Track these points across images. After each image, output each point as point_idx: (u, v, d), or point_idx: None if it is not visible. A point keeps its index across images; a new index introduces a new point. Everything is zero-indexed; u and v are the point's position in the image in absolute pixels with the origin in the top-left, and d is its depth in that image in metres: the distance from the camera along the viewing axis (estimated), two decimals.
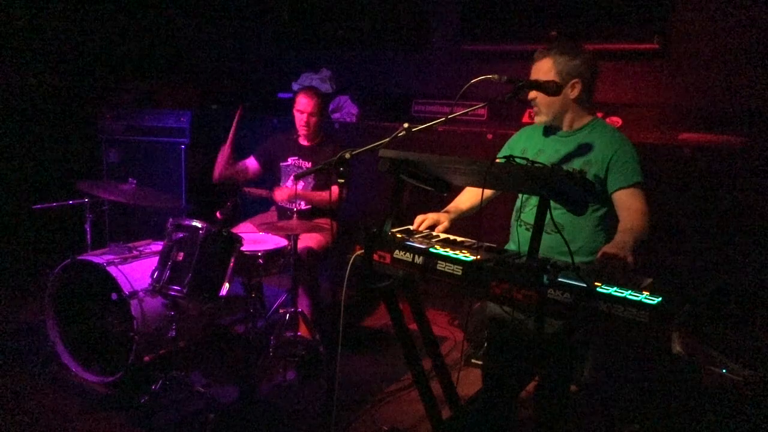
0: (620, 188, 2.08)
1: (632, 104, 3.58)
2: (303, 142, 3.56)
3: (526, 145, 2.34)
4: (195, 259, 2.60)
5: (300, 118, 3.46)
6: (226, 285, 2.67)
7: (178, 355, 2.78)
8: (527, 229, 2.24)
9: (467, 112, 2.30)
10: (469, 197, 2.44)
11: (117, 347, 2.81)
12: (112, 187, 3.08)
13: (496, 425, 2.04)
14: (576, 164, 2.14)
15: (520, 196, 2.35)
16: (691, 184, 3.12)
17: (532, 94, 2.20)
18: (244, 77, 5.29)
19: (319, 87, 4.66)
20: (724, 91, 3.36)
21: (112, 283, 2.73)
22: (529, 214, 2.26)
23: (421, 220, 2.19)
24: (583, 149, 2.17)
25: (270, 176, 3.63)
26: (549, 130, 2.30)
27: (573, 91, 2.15)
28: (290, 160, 3.56)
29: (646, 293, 1.48)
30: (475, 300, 2.41)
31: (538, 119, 2.26)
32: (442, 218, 2.22)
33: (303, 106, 3.44)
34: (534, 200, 2.24)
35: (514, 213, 2.37)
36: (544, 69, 2.14)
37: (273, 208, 3.67)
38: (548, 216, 1.67)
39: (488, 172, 1.72)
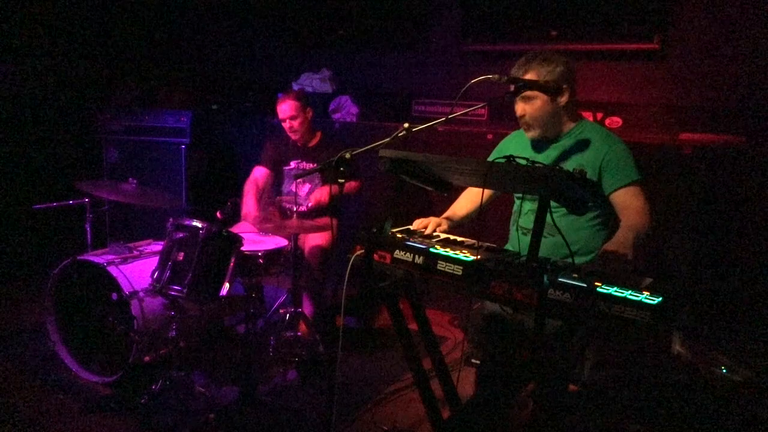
0: (617, 189, 2.08)
1: (632, 104, 3.58)
2: (301, 144, 3.56)
3: (514, 152, 2.33)
4: (195, 259, 2.60)
5: (285, 126, 3.47)
6: (226, 285, 2.66)
7: (179, 355, 2.78)
8: (525, 234, 2.24)
9: (467, 112, 2.30)
10: (465, 203, 2.43)
11: (117, 347, 2.81)
12: (112, 187, 3.07)
13: (495, 425, 2.04)
14: (568, 168, 2.14)
15: (516, 201, 2.35)
16: (692, 184, 3.12)
17: (520, 110, 2.19)
18: (244, 77, 5.29)
19: (319, 87, 4.67)
20: (724, 91, 3.36)
21: (112, 283, 2.73)
22: (525, 219, 2.26)
23: (420, 224, 2.18)
24: (574, 152, 2.17)
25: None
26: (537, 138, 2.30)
27: (563, 98, 2.15)
28: (293, 164, 3.55)
29: (646, 293, 1.48)
30: (476, 300, 2.41)
31: (529, 134, 2.24)
32: (443, 224, 2.22)
33: (282, 113, 3.43)
34: (529, 205, 2.24)
35: (512, 217, 2.37)
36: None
37: (272, 208, 3.66)
38: (547, 218, 1.67)
39: (488, 172, 1.72)
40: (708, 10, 3.37)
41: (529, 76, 2.11)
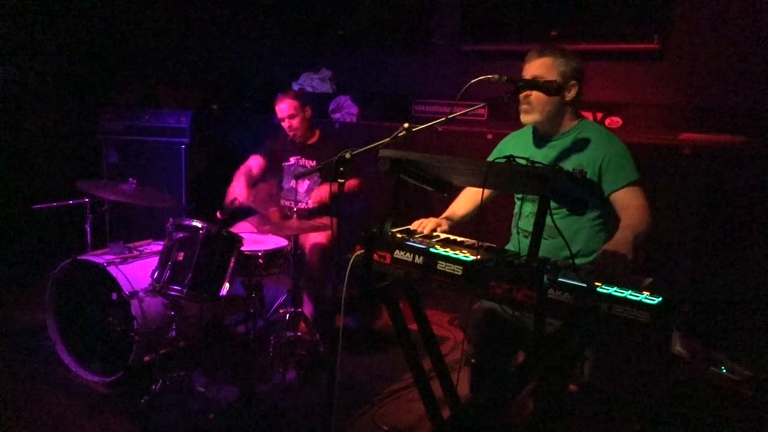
0: (617, 189, 2.08)
1: (632, 104, 3.58)
2: (300, 142, 3.56)
3: (514, 151, 2.33)
4: (195, 259, 2.60)
5: (284, 125, 3.49)
6: (226, 285, 2.67)
7: (179, 355, 2.78)
8: (525, 237, 2.24)
9: (467, 112, 2.30)
10: (464, 203, 2.43)
11: (117, 347, 2.81)
12: (112, 187, 3.07)
13: (495, 425, 2.04)
14: (568, 168, 2.14)
15: (516, 202, 2.35)
16: (692, 184, 3.12)
17: (527, 91, 2.18)
18: (244, 77, 5.29)
19: (319, 87, 4.67)
20: (724, 91, 3.36)
21: (112, 283, 2.73)
22: (526, 221, 2.26)
23: (420, 225, 2.18)
24: (574, 152, 2.17)
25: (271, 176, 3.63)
26: (537, 135, 2.29)
27: (570, 93, 2.15)
28: (292, 160, 3.56)
29: (646, 293, 1.48)
30: (476, 300, 2.41)
31: (527, 118, 2.20)
32: (443, 224, 2.22)
33: (280, 112, 3.46)
34: (529, 207, 2.24)
35: (513, 219, 2.36)
36: (544, 67, 2.11)
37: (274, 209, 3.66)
38: (547, 220, 1.67)
39: (488, 172, 1.72)
40: (708, 10, 3.37)
41: (545, 60, 2.11)
